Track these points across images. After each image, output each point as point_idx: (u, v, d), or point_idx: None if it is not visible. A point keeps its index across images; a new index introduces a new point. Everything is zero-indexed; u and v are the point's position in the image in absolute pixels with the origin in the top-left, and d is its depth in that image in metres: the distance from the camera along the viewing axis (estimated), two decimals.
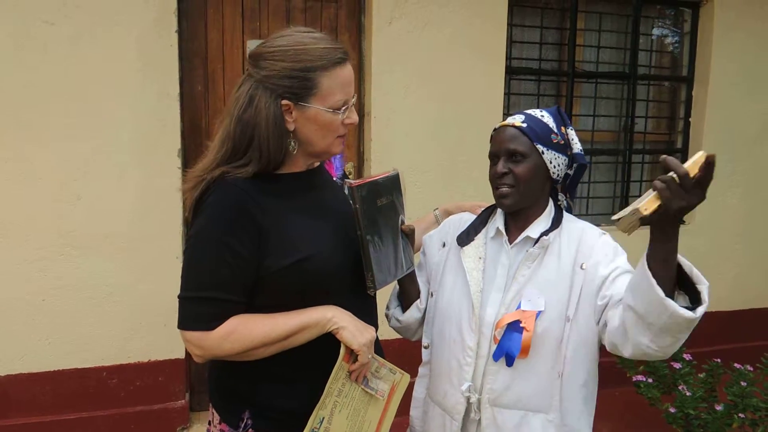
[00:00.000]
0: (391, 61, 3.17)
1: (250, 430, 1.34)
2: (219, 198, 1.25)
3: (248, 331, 1.24)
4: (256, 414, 1.34)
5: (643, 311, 1.17)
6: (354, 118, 1.32)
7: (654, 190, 1.08)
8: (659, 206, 1.08)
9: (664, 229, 1.15)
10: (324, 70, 1.25)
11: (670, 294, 1.15)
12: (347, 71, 1.29)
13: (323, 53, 1.26)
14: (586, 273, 1.37)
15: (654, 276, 1.14)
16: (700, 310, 1.15)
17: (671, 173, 1.06)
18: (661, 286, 1.13)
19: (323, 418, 1.29)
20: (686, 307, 1.15)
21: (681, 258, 1.17)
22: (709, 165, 1.06)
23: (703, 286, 1.17)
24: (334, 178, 1.53)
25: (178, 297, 1.27)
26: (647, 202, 1.08)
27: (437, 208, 1.79)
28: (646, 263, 1.17)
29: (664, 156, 1.08)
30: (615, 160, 3.89)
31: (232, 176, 1.25)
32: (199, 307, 1.24)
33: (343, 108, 1.29)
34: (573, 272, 1.38)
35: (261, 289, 1.28)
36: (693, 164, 1.06)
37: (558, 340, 1.37)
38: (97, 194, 2.83)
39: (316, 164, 1.44)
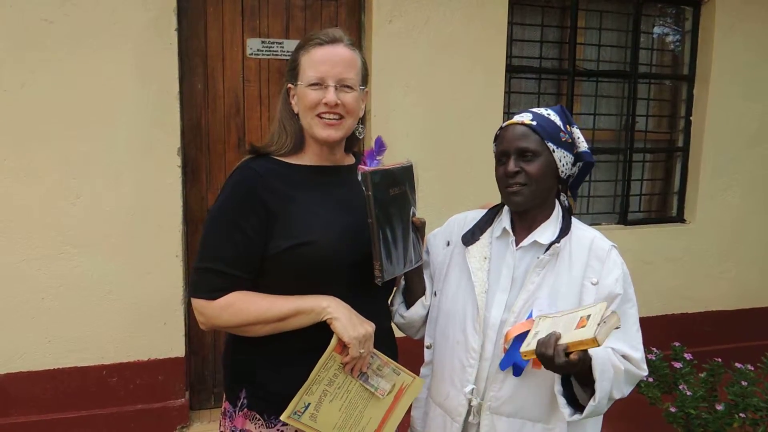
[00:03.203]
0: (391, 60, 3.16)
1: (245, 408, 1.40)
2: (235, 179, 1.38)
3: (246, 306, 1.33)
4: (251, 393, 1.40)
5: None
6: (328, 97, 1.35)
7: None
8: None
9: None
10: (302, 49, 1.39)
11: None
12: (324, 51, 1.36)
13: (309, 36, 1.40)
14: (597, 294, 1.36)
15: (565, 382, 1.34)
16: (575, 416, 1.31)
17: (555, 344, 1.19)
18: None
19: (309, 404, 1.30)
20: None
21: (594, 366, 1.26)
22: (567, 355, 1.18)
23: (595, 397, 1.28)
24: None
25: (193, 266, 1.38)
26: (529, 351, 1.23)
27: None
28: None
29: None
30: (616, 158, 3.88)
31: (254, 159, 1.39)
32: (206, 278, 1.35)
33: (317, 85, 1.35)
34: (582, 286, 1.38)
35: (263, 270, 1.36)
36: (578, 342, 1.16)
37: None
38: (96, 193, 2.83)
39: (347, 162, 1.49)
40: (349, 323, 1.30)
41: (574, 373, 1.26)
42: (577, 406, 1.33)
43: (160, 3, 2.80)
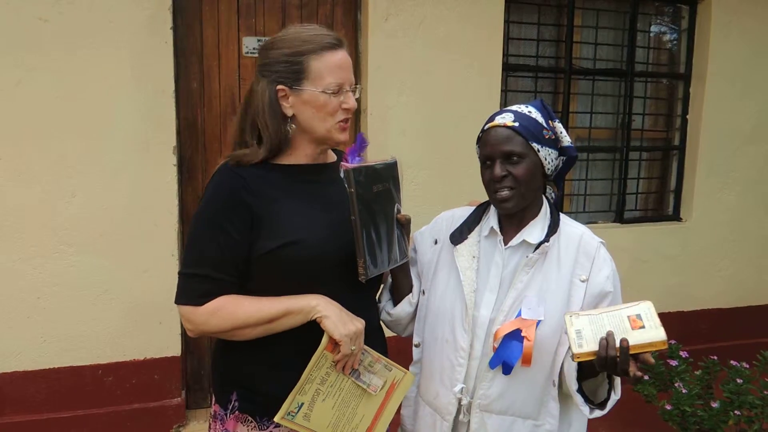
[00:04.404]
0: (387, 58, 3.15)
1: (237, 411, 1.39)
2: (216, 183, 1.35)
3: (234, 310, 1.31)
4: (243, 396, 1.39)
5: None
6: (351, 102, 1.36)
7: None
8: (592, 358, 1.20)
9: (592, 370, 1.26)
10: (312, 53, 1.32)
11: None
12: (339, 56, 1.34)
13: (313, 38, 1.33)
14: (587, 291, 1.36)
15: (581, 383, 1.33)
16: (596, 412, 1.31)
17: (621, 345, 1.15)
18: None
19: (302, 404, 1.30)
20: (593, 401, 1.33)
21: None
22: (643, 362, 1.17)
23: (615, 389, 1.31)
24: None
25: (178, 273, 1.36)
26: (585, 353, 1.19)
27: None
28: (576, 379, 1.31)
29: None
30: (612, 157, 3.88)
31: (234, 162, 1.35)
32: (192, 283, 1.33)
33: (338, 91, 1.33)
34: (571, 283, 1.37)
35: (251, 272, 1.34)
36: (648, 344, 1.15)
37: (554, 349, 1.35)
38: (92, 192, 2.82)
39: (330, 160, 1.47)
40: (339, 321, 1.29)
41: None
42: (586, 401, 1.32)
43: (155, 1, 2.80)
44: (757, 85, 3.86)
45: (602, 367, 1.16)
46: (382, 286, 1.60)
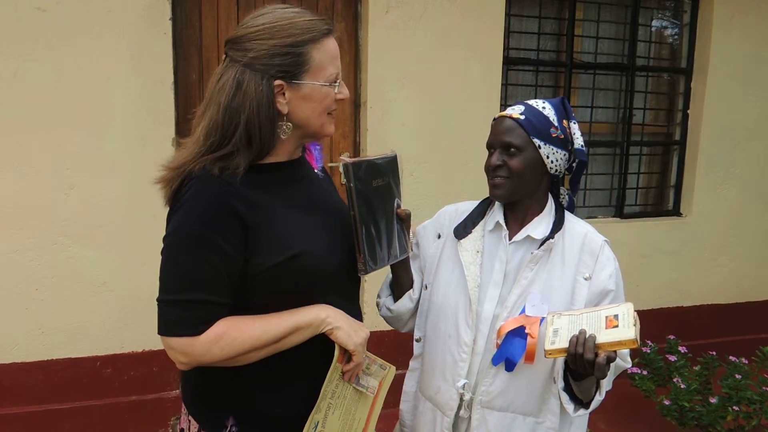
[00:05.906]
0: (388, 51, 3.14)
1: None
2: (197, 192, 1.16)
3: (239, 335, 1.16)
4: (242, 420, 1.26)
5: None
6: (345, 92, 1.27)
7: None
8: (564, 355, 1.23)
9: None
10: (314, 42, 1.20)
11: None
12: (334, 43, 1.24)
13: (310, 25, 1.20)
14: (589, 289, 1.37)
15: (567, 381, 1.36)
16: (581, 411, 1.35)
17: (587, 341, 1.18)
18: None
19: (317, 423, 1.26)
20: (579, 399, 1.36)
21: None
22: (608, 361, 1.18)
23: (601, 390, 1.33)
24: (315, 170, 1.44)
25: (157, 300, 1.18)
26: (556, 349, 1.22)
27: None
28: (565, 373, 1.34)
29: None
30: (613, 151, 3.87)
31: (214, 168, 1.17)
32: (183, 311, 1.15)
33: (337, 81, 1.24)
34: (575, 281, 1.38)
35: (252, 289, 1.20)
36: (616, 342, 1.18)
37: None
38: (90, 183, 2.81)
39: (298, 155, 1.37)
40: (351, 330, 1.23)
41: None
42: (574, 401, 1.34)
43: None
44: (758, 81, 3.85)
45: (573, 363, 1.20)
46: (383, 281, 1.59)
